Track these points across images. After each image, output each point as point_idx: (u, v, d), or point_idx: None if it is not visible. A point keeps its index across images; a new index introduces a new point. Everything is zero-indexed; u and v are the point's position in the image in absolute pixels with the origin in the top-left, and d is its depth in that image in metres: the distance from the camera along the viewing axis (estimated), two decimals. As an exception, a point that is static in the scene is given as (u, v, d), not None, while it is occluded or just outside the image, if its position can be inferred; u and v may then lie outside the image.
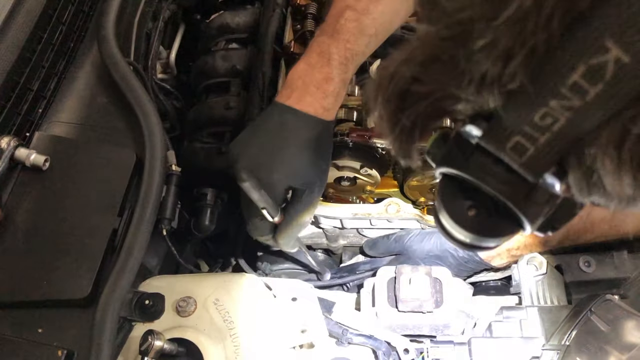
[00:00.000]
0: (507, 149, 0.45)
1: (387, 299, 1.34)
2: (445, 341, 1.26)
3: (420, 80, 0.48)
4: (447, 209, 0.56)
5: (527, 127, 0.43)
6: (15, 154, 1.19)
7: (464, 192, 0.53)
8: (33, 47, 1.32)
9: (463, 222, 0.55)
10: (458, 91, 0.45)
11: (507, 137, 0.45)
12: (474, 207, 0.54)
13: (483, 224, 0.54)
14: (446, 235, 0.59)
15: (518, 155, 0.45)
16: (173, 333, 1.13)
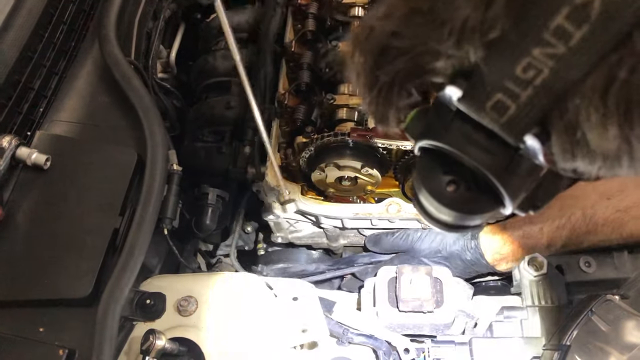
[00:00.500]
0: (487, 108, 0.44)
1: (388, 298, 1.34)
2: (446, 341, 1.26)
3: (399, 35, 0.46)
4: (425, 185, 0.54)
5: (508, 82, 0.42)
6: (16, 153, 1.19)
7: (443, 167, 0.51)
8: (34, 46, 1.32)
9: (442, 199, 0.53)
10: (438, 45, 0.43)
11: (488, 95, 0.43)
12: (453, 183, 0.52)
13: (462, 200, 0.52)
14: (426, 216, 0.56)
15: (499, 115, 0.43)
16: (174, 332, 1.13)
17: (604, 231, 1.28)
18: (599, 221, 1.28)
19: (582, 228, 1.30)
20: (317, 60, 1.61)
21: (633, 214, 1.26)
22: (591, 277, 1.28)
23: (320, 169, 1.40)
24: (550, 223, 1.34)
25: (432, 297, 1.31)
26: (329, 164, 1.38)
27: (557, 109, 0.41)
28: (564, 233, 1.32)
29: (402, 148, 1.35)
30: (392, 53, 0.47)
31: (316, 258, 1.66)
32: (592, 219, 1.29)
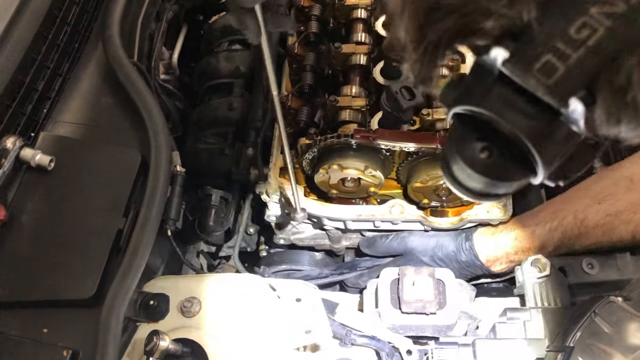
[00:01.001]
0: (534, 70, 0.43)
1: (390, 300, 1.34)
2: (449, 342, 1.26)
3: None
4: (458, 151, 0.53)
5: (560, 43, 0.41)
6: (20, 154, 1.19)
7: (477, 133, 0.51)
8: (38, 48, 1.33)
9: (475, 165, 0.53)
10: (490, 4, 0.42)
11: (537, 56, 0.42)
12: (487, 149, 0.52)
13: (495, 167, 0.52)
14: (455, 183, 0.56)
15: (546, 77, 0.43)
16: (178, 333, 1.14)
17: (595, 235, 1.29)
18: (589, 225, 1.29)
19: (573, 231, 1.31)
20: (320, 62, 1.61)
21: (623, 218, 1.27)
22: (594, 278, 1.28)
23: (324, 171, 1.40)
24: (542, 226, 1.34)
25: (435, 299, 1.31)
26: (332, 165, 1.38)
27: (607, 71, 0.40)
28: (555, 235, 1.33)
29: (405, 150, 1.35)
30: (441, 11, 0.47)
31: (318, 260, 1.66)
32: (583, 223, 1.30)
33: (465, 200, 1.46)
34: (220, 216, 1.44)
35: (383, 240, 1.49)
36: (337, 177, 1.42)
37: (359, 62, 1.57)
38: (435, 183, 1.39)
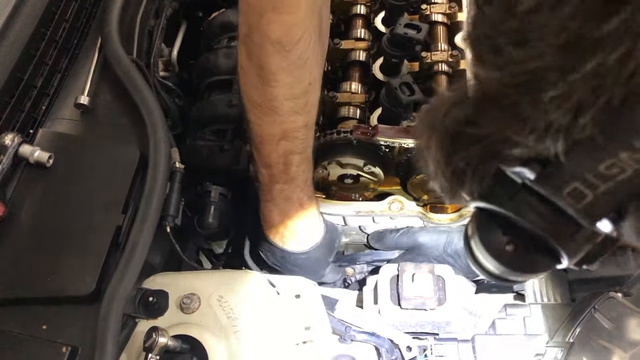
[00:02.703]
0: (564, 193, 0.44)
1: (390, 296, 1.34)
2: (449, 338, 1.26)
3: (475, 123, 0.47)
4: (483, 241, 0.55)
5: (589, 175, 0.42)
6: (19, 150, 1.19)
7: (502, 227, 0.52)
8: (36, 44, 1.32)
9: (501, 257, 0.54)
10: (517, 136, 0.43)
11: (566, 182, 0.44)
12: (512, 243, 0.53)
13: (521, 260, 0.53)
14: (476, 264, 0.57)
15: (575, 201, 0.44)
16: (177, 330, 1.13)
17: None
18: None
19: None
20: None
21: None
22: (594, 274, 1.28)
23: (323, 167, 1.40)
24: None
25: (435, 295, 1.32)
26: (332, 161, 1.39)
27: (636, 200, 0.42)
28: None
29: (405, 146, 1.35)
30: (466, 139, 0.48)
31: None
32: None
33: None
34: (220, 213, 1.44)
35: (392, 235, 1.49)
36: (336, 174, 1.42)
37: (359, 58, 1.57)
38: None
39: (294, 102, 1.13)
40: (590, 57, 0.36)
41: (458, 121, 0.48)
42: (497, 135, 0.45)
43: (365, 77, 1.58)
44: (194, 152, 1.53)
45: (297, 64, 1.07)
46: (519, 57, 0.40)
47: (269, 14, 0.99)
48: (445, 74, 1.54)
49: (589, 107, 0.38)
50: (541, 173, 0.45)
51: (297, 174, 1.25)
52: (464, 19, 1.64)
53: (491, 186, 0.50)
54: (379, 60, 1.57)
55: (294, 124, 1.16)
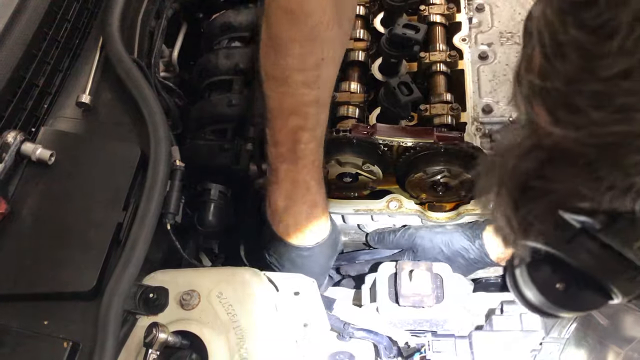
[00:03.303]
0: (634, 247, 0.44)
1: (388, 294, 1.35)
2: (446, 335, 1.27)
3: (545, 177, 0.46)
4: (532, 276, 0.55)
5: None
6: (21, 148, 1.20)
7: (552, 264, 0.52)
8: (39, 44, 1.33)
9: (549, 294, 0.54)
10: (590, 192, 0.43)
11: (638, 237, 0.44)
12: (563, 281, 0.53)
13: (572, 298, 0.54)
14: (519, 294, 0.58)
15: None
16: (177, 326, 1.14)
17: None
18: None
19: None
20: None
21: None
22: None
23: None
24: None
25: (433, 293, 1.32)
26: (331, 160, 1.40)
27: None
28: None
29: (403, 145, 1.36)
30: (535, 192, 0.48)
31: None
32: None
33: (463, 195, 1.47)
34: (220, 211, 1.45)
35: (391, 236, 1.50)
36: (335, 172, 1.43)
37: (358, 58, 1.59)
38: (432, 178, 1.41)
39: (305, 74, 1.14)
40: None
41: (527, 174, 0.48)
42: (569, 189, 0.45)
43: (364, 77, 1.59)
44: (194, 151, 1.54)
45: (309, 36, 1.10)
46: (602, 119, 0.39)
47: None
48: (444, 74, 1.55)
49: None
50: (610, 225, 0.45)
51: (305, 153, 1.24)
52: (462, 20, 1.66)
53: (549, 229, 0.50)
54: (378, 61, 1.59)
55: (305, 97, 1.17)
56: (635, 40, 0.36)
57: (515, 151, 0.49)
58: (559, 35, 0.40)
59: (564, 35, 0.40)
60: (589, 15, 0.38)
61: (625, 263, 0.46)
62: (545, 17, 0.41)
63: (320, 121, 1.23)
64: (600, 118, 0.39)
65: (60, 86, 1.39)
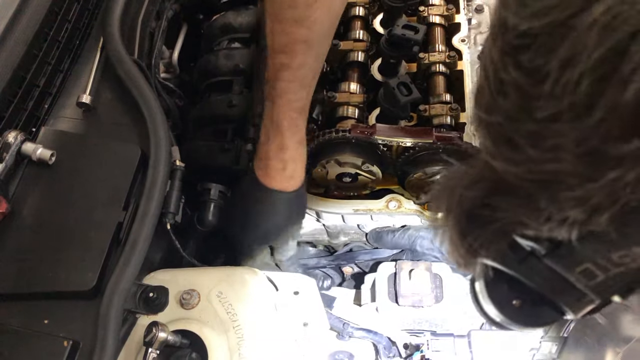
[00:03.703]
0: (576, 272, 0.46)
1: (388, 294, 1.36)
2: (445, 334, 1.28)
3: (491, 206, 0.48)
4: (489, 291, 0.57)
5: (601, 260, 0.43)
6: (22, 148, 1.21)
7: (509, 282, 0.54)
8: (39, 45, 1.34)
9: (507, 311, 0.56)
10: (531, 222, 0.45)
11: (578, 263, 0.45)
12: (519, 298, 0.55)
13: (527, 315, 0.56)
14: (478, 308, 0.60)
15: (586, 279, 0.46)
16: (177, 325, 1.15)
17: None
18: None
19: None
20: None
21: None
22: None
23: (322, 166, 1.42)
24: None
25: (432, 293, 1.33)
26: (330, 160, 1.40)
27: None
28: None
29: (402, 145, 1.37)
30: (481, 220, 0.50)
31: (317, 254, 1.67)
32: None
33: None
34: (219, 210, 1.46)
35: (389, 236, 1.50)
36: (334, 172, 1.44)
37: (357, 59, 1.59)
38: (432, 178, 1.41)
39: (295, 11, 1.15)
40: (609, 171, 0.37)
41: (473, 203, 0.50)
42: (512, 218, 0.47)
43: (363, 77, 1.60)
44: (195, 151, 1.55)
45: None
46: (538, 157, 0.41)
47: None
48: (443, 74, 1.55)
49: (604, 210, 0.39)
50: (553, 251, 0.47)
51: (284, 91, 1.25)
52: (461, 21, 1.66)
53: (502, 250, 0.51)
54: (378, 61, 1.59)
55: (293, 35, 1.18)
56: (564, 85, 0.37)
57: (464, 179, 0.51)
58: (501, 73, 0.42)
59: (505, 74, 0.41)
60: (525, 58, 0.40)
61: (570, 285, 0.48)
62: (490, 54, 0.43)
63: (305, 62, 1.23)
64: (536, 156, 0.41)
65: (61, 86, 1.40)
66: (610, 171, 0.37)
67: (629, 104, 0.35)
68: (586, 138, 0.37)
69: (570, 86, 0.37)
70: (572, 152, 0.38)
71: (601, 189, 0.38)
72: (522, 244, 0.49)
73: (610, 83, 0.35)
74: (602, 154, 0.37)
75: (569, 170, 0.39)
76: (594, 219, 0.40)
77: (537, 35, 0.39)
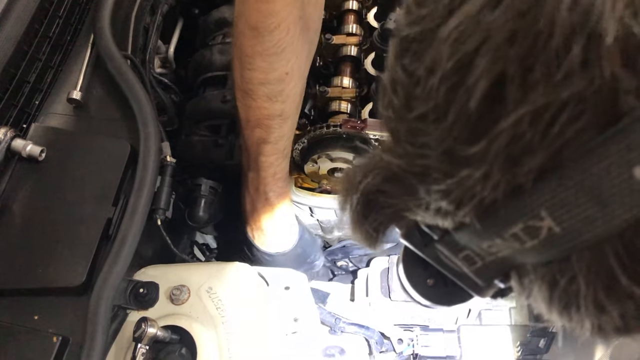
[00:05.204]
0: (459, 257, 0.50)
1: (381, 289, 1.35)
2: (434, 329, 1.27)
3: (384, 192, 0.51)
4: (407, 274, 0.62)
5: (475, 248, 0.47)
6: (11, 144, 1.21)
7: (423, 262, 0.57)
8: (30, 40, 1.34)
9: (422, 290, 0.62)
10: (417, 209, 0.48)
11: (460, 249, 0.49)
12: (432, 277, 0.60)
13: (440, 293, 0.61)
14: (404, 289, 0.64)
15: (468, 264, 0.49)
16: (166, 320, 1.15)
17: None
18: None
19: None
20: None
21: None
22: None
23: (313, 161, 1.41)
24: None
25: (424, 287, 1.32)
26: (321, 155, 1.40)
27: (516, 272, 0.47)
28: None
29: (394, 139, 1.36)
30: (376, 205, 0.53)
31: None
32: None
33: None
34: (211, 206, 1.46)
35: None
36: (326, 168, 1.43)
37: (350, 53, 1.58)
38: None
39: (268, 87, 1.17)
40: (461, 169, 0.41)
41: (369, 189, 0.53)
42: (402, 205, 0.50)
43: (356, 72, 1.59)
44: (188, 147, 1.55)
45: (272, 50, 1.12)
46: (412, 152, 0.45)
47: (251, 2, 1.08)
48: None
49: (465, 204, 0.43)
50: (442, 237, 0.51)
51: (265, 165, 1.29)
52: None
53: (411, 230, 0.55)
54: (371, 56, 1.58)
55: (267, 110, 1.20)
56: (429, 89, 0.41)
57: (362, 168, 0.54)
58: (393, 73, 0.46)
59: (395, 73, 0.46)
60: (407, 62, 0.44)
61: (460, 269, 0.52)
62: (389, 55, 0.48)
63: (283, 134, 1.27)
64: (412, 151, 0.45)
65: (52, 83, 1.39)
66: (462, 169, 0.41)
67: (472, 111, 0.39)
68: (444, 138, 0.41)
69: (433, 91, 0.41)
70: (435, 149, 0.43)
71: (458, 184, 0.42)
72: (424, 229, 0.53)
73: (459, 91, 0.39)
74: (455, 153, 0.41)
75: (434, 165, 0.43)
76: (459, 212, 0.44)
77: (413, 41, 0.44)
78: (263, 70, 1.15)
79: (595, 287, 0.41)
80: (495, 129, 0.38)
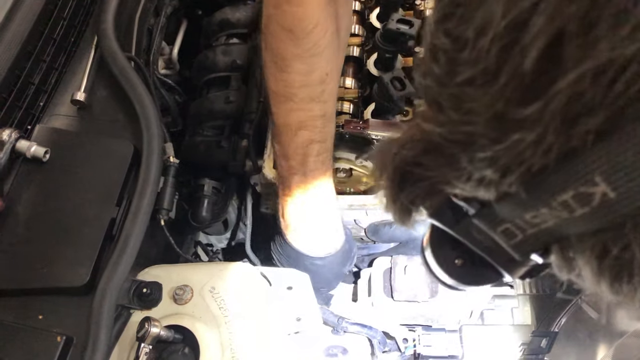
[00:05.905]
0: (498, 231, 0.49)
1: (383, 289, 1.36)
2: (437, 328, 1.28)
3: (421, 165, 0.50)
4: (435, 254, 0.60)
5: (518, 220, 0.46)
6: (16, 145, 1.22)
7: (451, 242, 0.56)
8: (34, 42, 1.35)
9: (450, 270, 0.59)
10: (456, 181, 0.47)
11: (499, 223, 0.48)
12: (461, 258, 0.58)
13: (469, 273, 0.59)
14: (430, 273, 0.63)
15: (507, 239, 0.48)
16: (170, 320, 1.15)
17: None
18: None
19: None
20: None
21: None
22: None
23: (315, 161, 1.41)
24: None
25: (427, 287, 1.33)
26: (324, 155, 1.40)
27: (559, 245, 0.46)
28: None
29: (396, 139, 1.36)
30: (413, 178, 0.52)
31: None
32: None
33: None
34: (214, 206, 1.46)
35: (386, 229, 1.50)
36: (329, 168, 1.43)
37: (352, 53, 1.59)
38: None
39: (310, 89, 1.15)
40: (512, 133, 0.40)
41: (406, 161, 0.52)
42: (441, 177, 0.49)
43: (359, 72, 1.59)
44: (192, 147, 1.56)
45: (311, 51, 1.11)
46: (457, 119, 0.44)
47: (284, 6, 1.07)
48: (439, 68, 1.54)
49: (513, 171, 0.42)
50: (480, 211, 0.50)
51: (317, 166, 1.24)
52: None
53: (441, 208, 0.54)
54: (374, 56, 1.59)
55: (311, 112, 1.18)
56: (478, 52, 0.40)
57: (398, 141, 0.53)
58: (434, 39, 0.45)
59: (437, 40, 0.45)
60: (451, 25, 0.43)
61: (497, 245, 0.50)
62: (429, 22, 0.47)
63: (329, 132, 1.24)
64: (456, 118, 0.44)
65: (56, 84, 1.41)
66: (512, 133, 0.40)
67: (527, 72, 0.38)
68: (494, 102, 0.40)
69: (483, 53, 0.40)
70: (482, 115, 0.41)
71: (507, 150, 0.41)
72: (457, 204, 0.52)
73: (512, 51, 0.38)
74: (505, 117, 0.40)
75: (480, 132, 0.42)
76: (505, 180, 0.43)
77: (460, 4, 0.42)
78: (303, 72, 1.13)
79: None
80: (552, 88, 0.37)
